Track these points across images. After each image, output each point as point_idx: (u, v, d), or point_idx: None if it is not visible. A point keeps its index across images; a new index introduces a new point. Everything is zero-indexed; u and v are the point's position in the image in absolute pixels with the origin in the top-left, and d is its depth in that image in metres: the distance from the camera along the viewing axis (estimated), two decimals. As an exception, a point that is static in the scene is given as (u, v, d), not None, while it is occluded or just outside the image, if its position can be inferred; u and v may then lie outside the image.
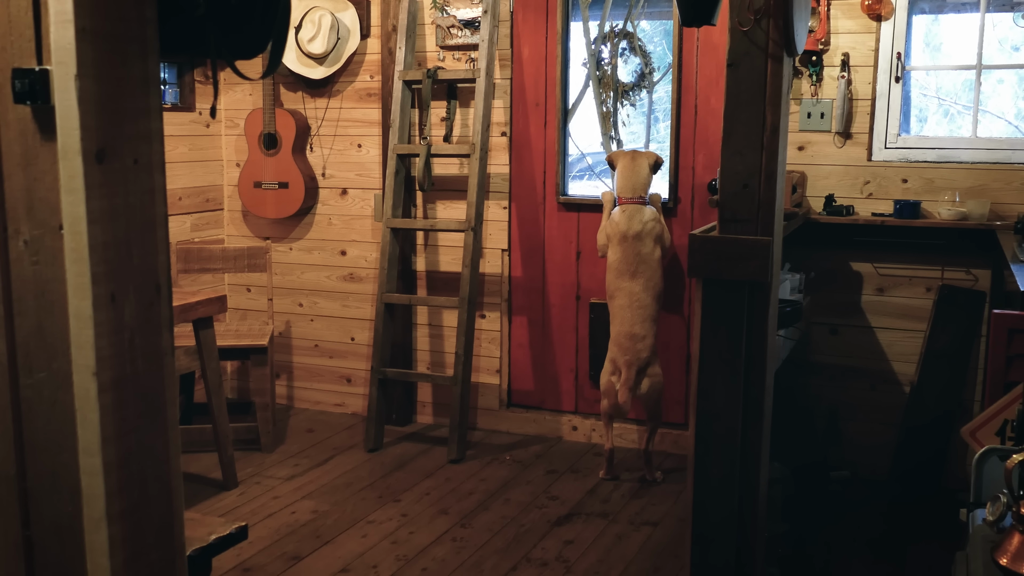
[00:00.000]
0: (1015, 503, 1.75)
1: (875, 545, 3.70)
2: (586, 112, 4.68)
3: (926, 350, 4.13)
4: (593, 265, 4.65)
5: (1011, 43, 4.48)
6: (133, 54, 1.42)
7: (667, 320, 4.48)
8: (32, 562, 1.56)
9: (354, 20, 4.77)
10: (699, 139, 4.42)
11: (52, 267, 1.46)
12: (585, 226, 4.64)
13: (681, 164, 4.46)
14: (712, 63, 4.34)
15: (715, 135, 4.34)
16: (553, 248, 4.71)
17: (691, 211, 4.47)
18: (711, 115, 4.38)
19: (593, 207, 4.60)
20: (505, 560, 3.46)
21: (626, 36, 4.56)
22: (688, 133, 4.43)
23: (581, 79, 4.64)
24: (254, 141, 4.94)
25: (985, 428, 2.45)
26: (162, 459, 1.53)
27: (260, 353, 4.45)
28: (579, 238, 4.66)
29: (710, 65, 4.35)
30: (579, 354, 4.71)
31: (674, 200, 4.47)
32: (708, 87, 4.37)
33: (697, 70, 4.37)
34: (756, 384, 2.63)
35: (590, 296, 4.67)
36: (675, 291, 4.47)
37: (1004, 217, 3.96)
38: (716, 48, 4.31)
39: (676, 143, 4.45)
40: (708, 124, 4.40)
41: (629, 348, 4.05)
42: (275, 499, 4.00)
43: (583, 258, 4.66)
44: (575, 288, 4.70)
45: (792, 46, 2.50)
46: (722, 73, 4.22)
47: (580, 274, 4.68)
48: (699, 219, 4.45)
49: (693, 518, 2.71)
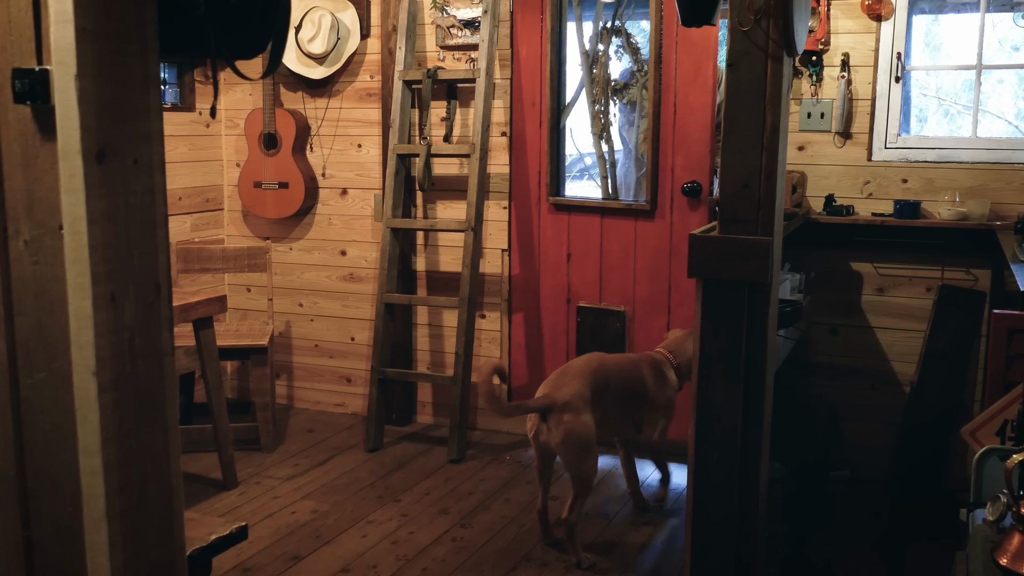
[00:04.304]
0: (1015, 503, 1.75)
1: (875, 545, 3.70)
2: (583, 111, 4.65)
3: (926, 350, 4.13)
4: (582, 268, 4.61)
5: (1011, 43, 4.48)
6: (133, 54, 1.42)
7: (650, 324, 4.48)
8: (32, 562, 1.56)
9: (354, 20, 4.76)
10: (678, 139, 4.32)
11: (52, 267, 1.46)
12: (576, 228, 4.60)
13: (661, 166, 4.36)
14: (690, 60, 4.25)
15: (693, 135, 4.28)
16: (546, 249, 4.68)
17: (670, 214, 4.38)
18: (690, 114, 4.29)
19: (584, 209, 4.55)
20: (505, 560, 3.46)
21: (618, 33, 4.50)
22: (668, 133, 4.34)
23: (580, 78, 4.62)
24: (254, 141, 4.93)
25: (985, 428, 2.45)
26: (162, 459, 1.53)
27: (260, 353, 4.45)
28: (569, 240, 4.62)
29: (688, 62, 4.26)
30: (569, 358, 4.65)
31: (652, 204, 4.39)
32: (687, 85, 4.28)
33: (676, 68, 4.28)
34: (756, 384, 2.63)
35: (579, 299, 4.63)
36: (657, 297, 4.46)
37: (1004, 217, 3.96)
38: (694, 44, 4.21)
39: (656, 143, 4.35)
40: (687, 123, 4.30)
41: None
42: (275, 499, 4.00)
43: (573, 260, 4.62)
44: (566, 291, 4.66)
45: (792, 46, 2.50)
46: (700, 70, 4.21)
47: (570, 276, 4.64)
48: (678, 223, 4.36)
49: (693, 518, 2.71)
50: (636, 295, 4.52)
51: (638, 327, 4.53)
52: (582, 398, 3.45)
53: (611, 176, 4.62)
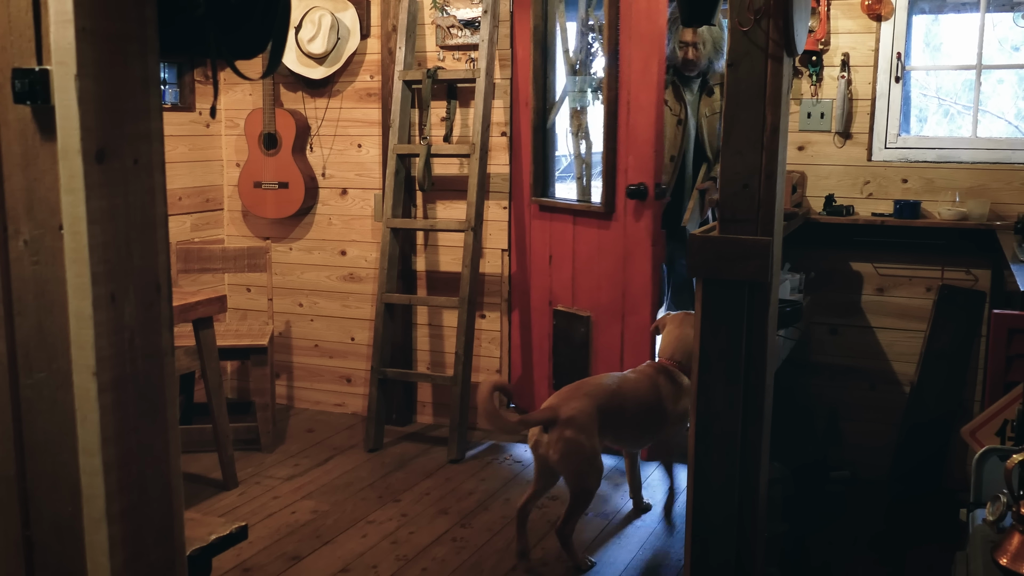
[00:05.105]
0: (1015, 503, 1.75)
1: (875, 545, 3.70)
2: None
3: (926, 350, 4.13)
4: (560, 271, 4.51)
5: (1011, 43, 4.48)
6: (133, 54, 1.42)
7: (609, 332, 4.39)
8: (32, 562, 1.56)
9: (354, 20, 4.76)
10: (630, 138, 4.12)
11: (52, 267, 1.46)
12: (555, 230, 4.52)
13: (618, 167, 4.17)
14: (641, 55, 4.05)
15: (644, 134, 4.08)
16: (534, 251, 4.64)
17: (623, 217, 4.18)
18: (639, 112, 4.08)
19: (560, 210, 4.46)
20: (505, 560, 3.46)
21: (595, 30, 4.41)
22: (623, 132, 4.15)
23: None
24: (254, 141, 4.93)
25: (985, 428, 2.45)
26: (162, 459, 1.53)
27: (260, 353, 4.45)
28: (551, 242, 4.55)
29: (639, 58, 4.06)
30: (549, 364, 4.59)
31: (608, 207, 4.21)
32: (638, 82, 4.08)
33: (631, 64, 4.10)
34: (756, 384, 2.63)
35: (557, 303, 4.54)
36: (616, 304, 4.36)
37: (1004, 217, 3.96)
38: (643, 38, 4.04)
39: (612, 144, 4.16)
40: (637, 122, 4.10)
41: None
42: (275, 499, 4.00)
43: (554, 263, 4.55)
44: (549, 293, 4.60)
45: (792, 46, 2.50)
46: (647, 65, 4.08)
47: (552, 279, 4.57)
48: (630, 227, 4.15)
49: (693, 518, 2.71)
50: (600, 300, 4.35)
51: (600, 333, 4.35)
52: (589, 416, 3.33)
53: (586, 176, 4.54)
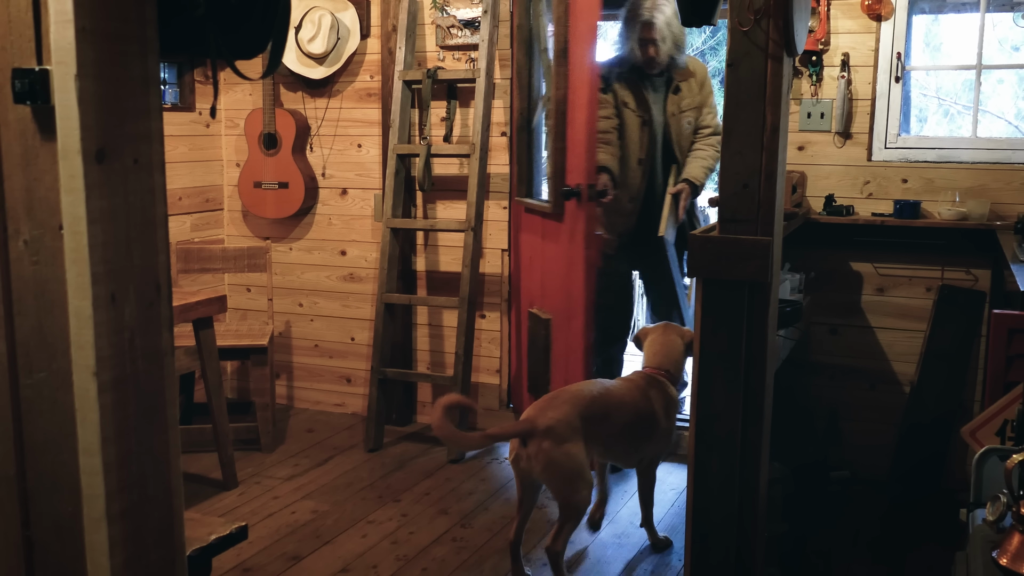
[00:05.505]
0: (1015, 503, 1.75)
1: (875, 545, 3.70)
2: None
3: (926, 350, 4.13)
4: (532, 272, 4.45)
5: (1011, 43, 4.48)
6: (133, 54, 1.42)
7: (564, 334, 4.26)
8: (32, 562, 1.56)
9: (354, 20, 4.76)
10: (570, 137, 4.02)
11: (52, 267, 1.46)
12: (531, 230, 4.45)
13: (567, 167, 4.04)
14: (579, 51, 3.94)
15: (578, 134, 3.97)
16: (521, 251, 4.61)
17: (570, 219, 4.04)
18: (579, 110, 3.95)
19: (536, 211, 4.38)
20: (505, 560, 3.46)
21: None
22: (571, 131, 4.03)
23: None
24: (254, 141, 4.93)
25: (985, 428, 2.45)
26: (162, 459, 1.53)
27: (260, 353, 4.45)
28: (531, 241, 4.50)
29: (578, 53, 3.96)
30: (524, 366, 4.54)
31: (557, 207, 4.10)
32: (578, 79, 3.96)
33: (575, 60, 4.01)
34: (756, 384, 2.63)
35: (530, 304, 4.48)
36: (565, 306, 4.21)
37: (1004, 217, 3.96)
38: (581, 35, 3.93)
39: (561, 143, 4.04)
40: (575, 119, 3.98)
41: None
42: (275, 499, 4.00)
43: (533, 264, 4.49)
44: (529, 294, 4.55)
45: (792, 46, 2.50)
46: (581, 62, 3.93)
47: (531, 280, 4.51)
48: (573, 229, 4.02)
49: (693, 518, 2.71)
50: (556, 303, 4.24)
51: (557, 337, 4.23)
52: (569, 425, 3.13)
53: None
